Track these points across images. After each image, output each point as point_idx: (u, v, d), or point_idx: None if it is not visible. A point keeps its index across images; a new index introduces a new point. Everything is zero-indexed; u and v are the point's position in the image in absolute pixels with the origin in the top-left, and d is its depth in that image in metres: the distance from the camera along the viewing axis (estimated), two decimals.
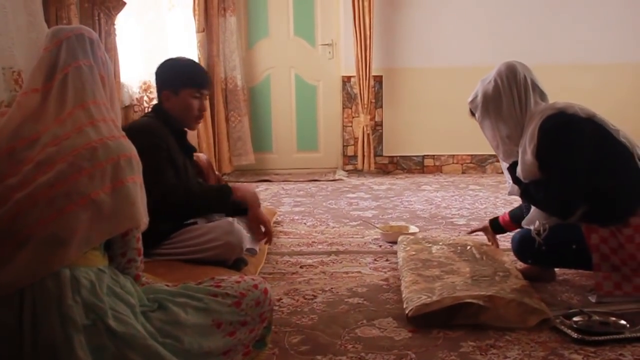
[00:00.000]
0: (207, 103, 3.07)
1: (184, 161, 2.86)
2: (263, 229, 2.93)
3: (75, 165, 1.53)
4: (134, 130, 2.72)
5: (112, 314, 1.51)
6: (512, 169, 2.74)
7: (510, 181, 2.80)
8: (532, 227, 2.66)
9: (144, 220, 1.64)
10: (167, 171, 2.69)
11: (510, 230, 3.09)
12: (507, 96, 2.68)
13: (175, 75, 2.86)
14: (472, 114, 2.84)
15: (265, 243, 3.04)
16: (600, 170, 2.53)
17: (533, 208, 2.72)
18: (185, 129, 2.93)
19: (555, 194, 2.56)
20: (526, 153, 2.61)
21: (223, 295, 1.75)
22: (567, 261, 2.69)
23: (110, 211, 1.55)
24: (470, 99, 2.81)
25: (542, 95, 2.73)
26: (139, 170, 1.66)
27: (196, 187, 2.87)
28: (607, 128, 2.59)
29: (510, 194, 2.85)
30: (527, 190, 2.68)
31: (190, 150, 2.98)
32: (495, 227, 3.15)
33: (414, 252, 3.09)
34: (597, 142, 2.55)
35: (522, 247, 2.71)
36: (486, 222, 3.22)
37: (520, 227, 2.83)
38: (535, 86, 2.71)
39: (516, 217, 2.98)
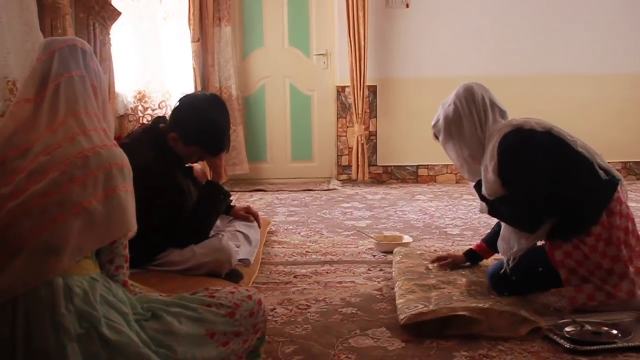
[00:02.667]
0: None
1: (189, 186, 2.82)
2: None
3: (68, 174, 1.54)
4: (142, 169, 2.71)
5: (106, 322, 1.51)
6: (478, 187, 2.79)
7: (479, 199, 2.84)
8: (500, 250, 2.73)
9: (133, 228, 1.64)
10: (183, 209, 2.70)
11: (487, 258, 3.09)
12: (467, 118, 2.73)
13: (197, 131, 2.69)
14: (436, 137, 2.89)
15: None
16: (561, 182, 2.56)
17: (504, 225, 2.75)
18: None
19: (520, 210, 2.59)
20: (488, 172, 2.65)
21: (217, 306, 1.75)
22: (539, 285, 2.70)
23: (102, 220, 1.55)
24: (433, 123, 2.87)
25: (502, 113, 2.77)
26: (130, 178, 1.67)
27: (200, 213, 2.80)
28: (565, 140, 2.62)
29: (481, 212, 2.88)
30: (494, 208, 2.72)
31: (190, 171, 2.92)
32: (472, 257, 3.10)
33: (410, 265, 3.10)
34: (556, 155, 2.59)
35: (496, 282, 2.71)
36: (459, 254, 3.16)
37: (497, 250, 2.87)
38: (494, 105, 2.76)
39: (492, 241, 2.96)
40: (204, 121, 2.72)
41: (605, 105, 6.41)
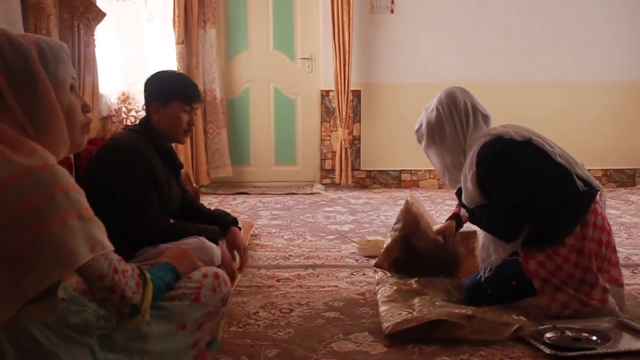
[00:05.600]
0: (199, 118, 3.00)
1: (168, 180, 2.78)
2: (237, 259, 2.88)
3: None
4: (113, 146, 2.70)
5: (69, 358, 1.42)
6: (459, 194, 2.81)
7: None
8: (480, 272, 2.72)
9: (80, 260, 1.35)
10: (150, 195, 2.63)
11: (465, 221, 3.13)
12: (449, 123, 2.72)
13: (165, 88, 2.78)
14: (420, 142, 2.89)
15: (238, 269, 2.90)
16: (538, 193, 2.56)
17: (484, 234, 2.77)
18: (174, 143, 2.88)
19: (497, 219, 2.60)
20: (467, 180, 2.66)
21: (180, 297, 1.72)
22: (514, 296, 2.70)
23: (34, 262, 1.31)
24: (415, 127, 2.87)
25: (485, 118, 2.76)
26: (70, 201, 1.35)
27: (175, 227, 2.75)
28: (544, 149, 2.62)
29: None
30: (474, 216, 2.74)
31: (176, 167, 2.90)
32: (459, 220, 3.17)
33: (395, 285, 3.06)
34: (535, 166, 2.59)
35: (472, 295, 2.72)
36: (451, 222, 3.20)
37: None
38: (476, 110, 2.74)
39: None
40: (168, 75, 2.88)
41: (585, 113, 6.48)
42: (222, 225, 2.89)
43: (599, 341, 2.29)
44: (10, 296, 1.30)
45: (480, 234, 2.83)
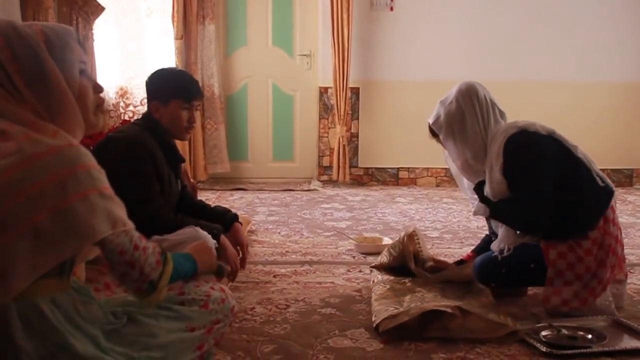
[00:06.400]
0: (198, 113, 2.99)
1: (169, 174, 2.79)
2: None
3: (7, 190, 1.34)
4: (119, 139, 2.72)
5: (74, 341, 1.43)
6: (479, 188, 2.77)
7: (475, 201, 2.83)
8: (495, 249, 2.71)
9: (99, 234, 1.40)
10: (153, 188, 2.65)
11: None
12: (470, 116, 2.69)
13: (165, 86, 2.78)
14: (433, 135, 2.84)
15: (229, 277, 2.80)
16: (563, 186, 2.58)
17: (502, 229, 2.74)
18: (176, 140, 2.88)
19: (525, 211, 2.60)
20: (493, 172, 2.64)
21: (189, 302, 1.73)
22: (527, 281, 2.72)
23: (54, 235, 1.36)
24: (432, 120, 2.80)
25: (502, 114, 2.77)
26: (91, 179, 1.41)
27: (178, 220, 2.72)
28: (566, 144, 2.65)
29: (475, 214, 2.87)
30: (497, 209, 2.71)
31: (178, 161, 2.91)
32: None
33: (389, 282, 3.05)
34: (559, 159, 2.61)
35: (483, 273, 2.71)
36: (452, 264, 3.08)
37: None
38: (494, 105, 2.75)
39: (482, 251, 2.93)
40: (168, 73, 2.87)
41: (583, 113, 6.48)
42: (224, 222, 2.90)
43: (595, 340, 2.29)
44: (28, 267, 1.34)
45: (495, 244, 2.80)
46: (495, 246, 2.74)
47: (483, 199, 2.75)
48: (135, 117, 5.41)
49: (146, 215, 2.56)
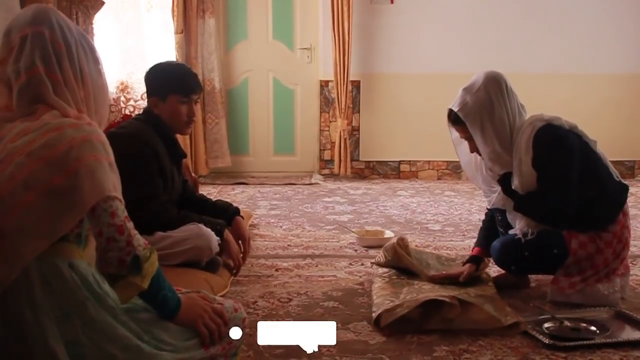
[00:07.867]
0: (198, 108, 2.97)
1: (171, 169, 2.80)
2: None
3: (32, 155, 1.47)
4: (121, 136, 2.71)
5: (89, 304, 1.48)
6: (503, 180, 2.70)
7: (492, 193, 2.79)
8: (516, 232, 2.70)
9: (105, 192, 1.50)
10: (157, 184, 2.66)
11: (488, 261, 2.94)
12: (499, 104, 2.64)
13: (162, 81, 2.77)
14: (453, 122, 2.74)
15: (234, 270, 2.84)
16: (586, 180, 2.60)
17: (520, 220, 2.71)
18: (177, 134, 2.87)
19: (552, 205, 2.60)
20: (523, 164, 2.62)
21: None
22: (547, 266, 2.71)
23: (72, 194, 1.46)
24: (457, 107, 2.68)
25: (522, 106, 2.75)
26: (103, 150, 1.54)
27: (182, 216, 2.73)
28: (586, 140, 2.68)
29: (493, 205, 2.82)
30: (522, 202, 2.67)
31: (179, 156, 2.91)
32: (477, 262, 2.87)
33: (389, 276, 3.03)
34: (582, 153, 2.63)
35: (504, 255, 2.70)
36: (467, 267, 2.87)
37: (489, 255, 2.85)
38: (516, 96, 2.73)
39: (487, 245, 2.84)
40: (166, 68, 2.85)
41: (584, 104, 6.45)
42: (226, 216, 2.90)
43: (598, 331, 2.30)
44: (49, 225, 1.45)
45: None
46: (517, 230, 2.72)
47: (508, 191, 2.69)
48: (136, 112, 5.40)
49: (150, 212, 2.58)
